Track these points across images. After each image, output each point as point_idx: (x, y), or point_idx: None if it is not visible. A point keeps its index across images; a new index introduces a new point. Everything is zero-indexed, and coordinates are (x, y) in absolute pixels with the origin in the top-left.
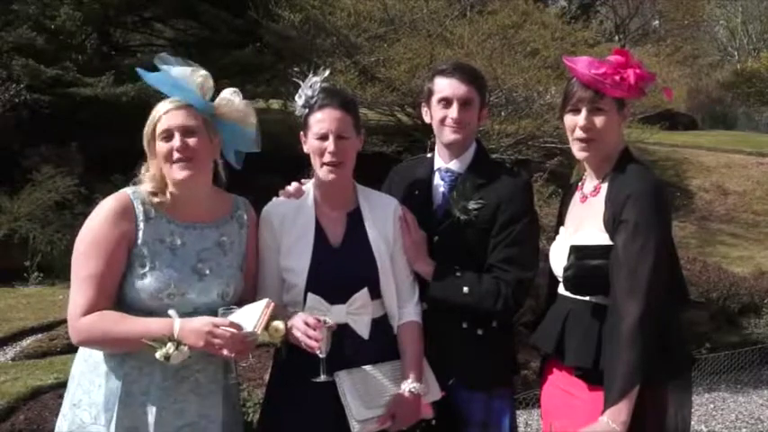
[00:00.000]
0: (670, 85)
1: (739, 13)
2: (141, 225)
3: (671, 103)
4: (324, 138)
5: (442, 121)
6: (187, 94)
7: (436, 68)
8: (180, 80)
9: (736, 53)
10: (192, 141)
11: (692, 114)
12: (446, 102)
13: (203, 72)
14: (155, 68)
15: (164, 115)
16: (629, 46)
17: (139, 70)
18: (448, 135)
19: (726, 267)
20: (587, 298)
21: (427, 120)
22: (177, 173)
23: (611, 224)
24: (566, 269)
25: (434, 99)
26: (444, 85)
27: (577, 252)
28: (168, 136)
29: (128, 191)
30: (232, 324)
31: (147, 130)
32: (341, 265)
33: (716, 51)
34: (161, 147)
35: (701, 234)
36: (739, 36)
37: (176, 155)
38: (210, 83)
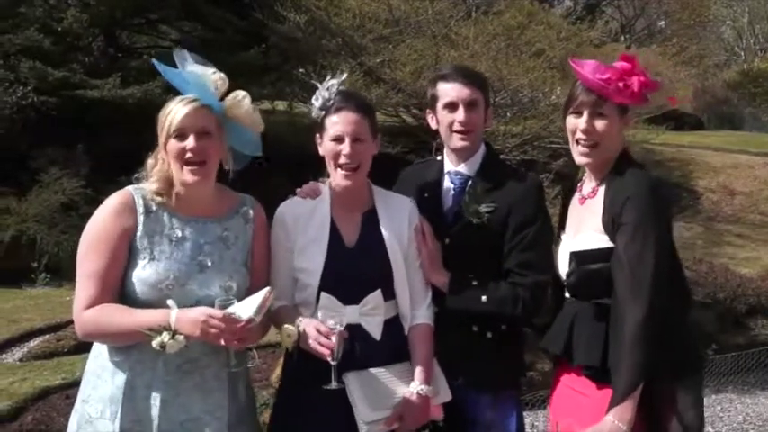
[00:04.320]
0: (676, 86)
1: (746, 13)
2: (141, 218)
3: (677, 104)
4: (339, 140)
5: (450, 126)
6: (204, 94)
7: (438, 74)
8: (199, 78)
9: (742, 53)
10: (205, 144)
11: (699, 115)
12: (452, 106)
13: (221, 74)
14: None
15: (180, 114)
16: (634, 46)
17: (156, 63)
18: (456, 142)
19: (732, 268)
20: (592, 300)
21: (434, 126)
22: (188, 176)
23: (611, 226)
24: (568, 275)
25: (440, 104)
26: (448, 90)
27: (578, 258)
28: (182, 135)
29: (130, 188)
30: (225, 316)
31: (161, 124)
32: (355, 266)
33: (722, 51)
34: (173, 145)
35: (707, 235)
36: (746, 36)
37: (189, 155)
38: (226, 85)
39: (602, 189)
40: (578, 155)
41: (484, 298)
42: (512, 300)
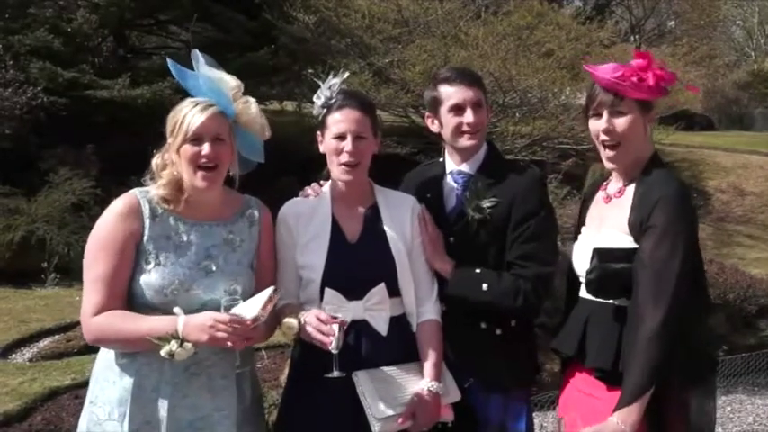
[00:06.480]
0: (686, 86)
1: (756, 13)
2: (147, 222)
3: (687, 104)
4: (342, 137)
5: (458, 127)
6: (220, 99)
7: (438, 77)
8: (216, 84)
9: (752, 53)
10: (219, 149)
11: (709, 115)
12: (458, 108)
13: (239, 81)
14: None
15: (198, 120)
16: (644, 46)
17: (172, 65)
18: (465, 141)
19: (743, 269)
20: (609, 300)
21: (434, 129)
22: (200, 182)
23: (638, 227)
24: (588, 272)
25: (444, 108)
26: (452, 92)
27: (600, 255)
28: (198, 140)
29: (136, 191)
30: (232, 317)
31: (174, 127)
32: (358, 261)
33: (732, 52)
34: (188, 149)
35: (717, 235)
36: (756, 36)
37: (203, 161)
38: (241, 92)
39: (630, 189)
40: (605, 159)
41: (485, 287)
42: (513, 291)
